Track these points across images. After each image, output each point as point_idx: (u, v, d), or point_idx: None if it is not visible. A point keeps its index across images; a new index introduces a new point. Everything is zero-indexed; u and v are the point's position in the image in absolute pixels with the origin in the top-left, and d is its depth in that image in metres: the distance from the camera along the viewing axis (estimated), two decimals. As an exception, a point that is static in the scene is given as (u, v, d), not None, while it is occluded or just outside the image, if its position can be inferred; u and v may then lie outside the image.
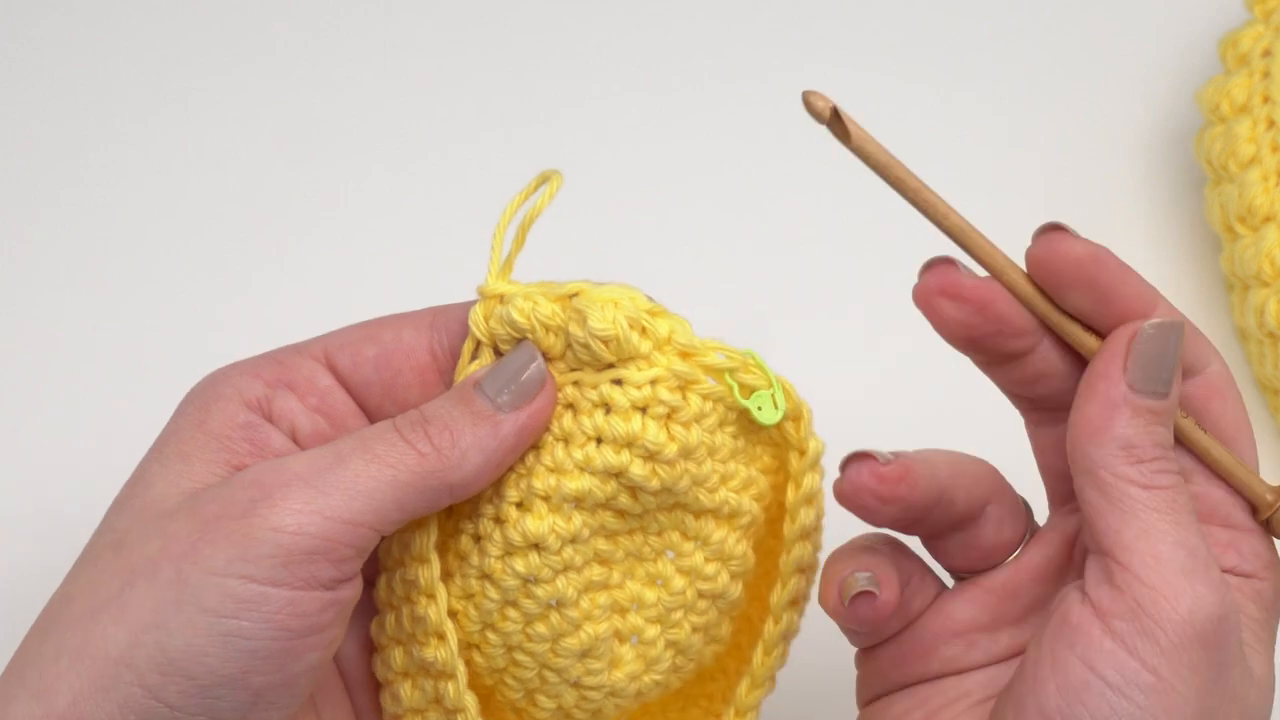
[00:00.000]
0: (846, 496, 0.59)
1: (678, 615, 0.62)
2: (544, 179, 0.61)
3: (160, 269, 0.82)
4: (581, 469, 0.59)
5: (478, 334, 0.60)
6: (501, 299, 0.60)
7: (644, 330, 0.59)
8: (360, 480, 0.56)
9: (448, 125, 0.85)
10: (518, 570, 0.59)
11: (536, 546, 0.59)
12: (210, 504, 0.56)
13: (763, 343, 0.63)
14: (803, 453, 0.61)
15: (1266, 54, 0.80)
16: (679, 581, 0.61)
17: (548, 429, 0.59)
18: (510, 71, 0.87)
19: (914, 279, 0.62)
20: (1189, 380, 0.59)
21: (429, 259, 0.82)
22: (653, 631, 0.62)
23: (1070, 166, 0.85)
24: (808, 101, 0.57)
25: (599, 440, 0.59)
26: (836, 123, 0.58)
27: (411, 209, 0.84)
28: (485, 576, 0.60)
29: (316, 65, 0.87)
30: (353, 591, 0.56)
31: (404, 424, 0.57)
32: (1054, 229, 0.58)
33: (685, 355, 0.59)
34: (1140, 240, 0.84)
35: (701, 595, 0.62)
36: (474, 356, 0.60)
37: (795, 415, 0.61)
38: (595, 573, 0.60)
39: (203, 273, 0.82)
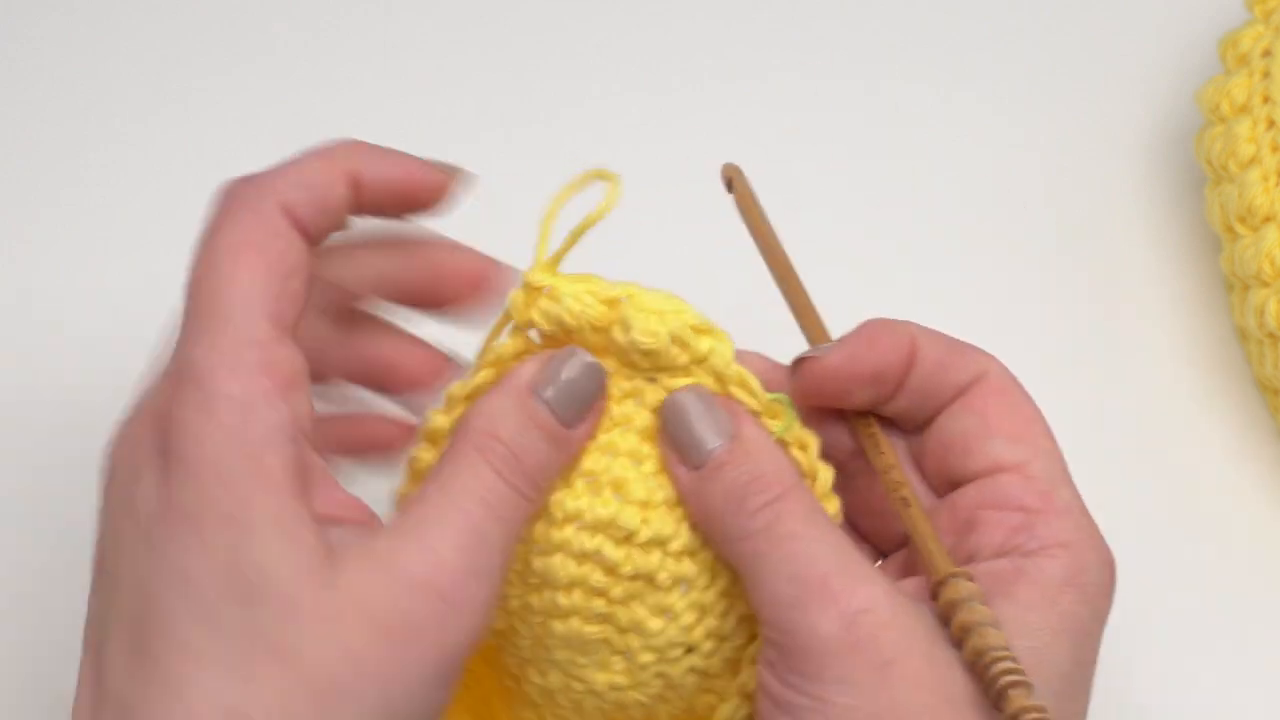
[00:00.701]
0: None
1: (676, 653, 0.61)
2: (599, 177, 0.61)
3: (160, 269, 0.82)
4: (602, 450, 0.59)
5: (514, 317, 0.60)
6: (547, 293, 0.60)
7: (685, 345, 0.59)
8: (497, 569, 0.56)
9: (448, 125, 0.86)
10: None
11: (546, 511, 0.59)
12: (383, 612, 0.54)
13: (760, 343, 0.63)
14: (814, 479, 0.61)
15: (1266, 54, 0.80)
16: (688, 617, 0.61)
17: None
18: (510, 71, 0.87)
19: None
20: (965, 393, 0.61)
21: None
22: (647, 658, 0.61)
23: (1070, 166, 0.85)
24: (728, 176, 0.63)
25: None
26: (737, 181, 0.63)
27: (411, 209, 0.84)
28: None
29: (316, 65, 0.87)
30: None
31: (517, 480, 0.57)
32: (799, 361, 0.61)
33: (717, 380, 0.60)
34: (1140, 240, 0.84)
35: (710, 635, 0.61)
36: (500, 336, 0.60)
37: (804, 451, 0.61)
38: (595, 577, 0.60)
39: (203, 273, 0.82)
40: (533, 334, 0.60)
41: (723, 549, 0.59)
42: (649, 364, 0.59)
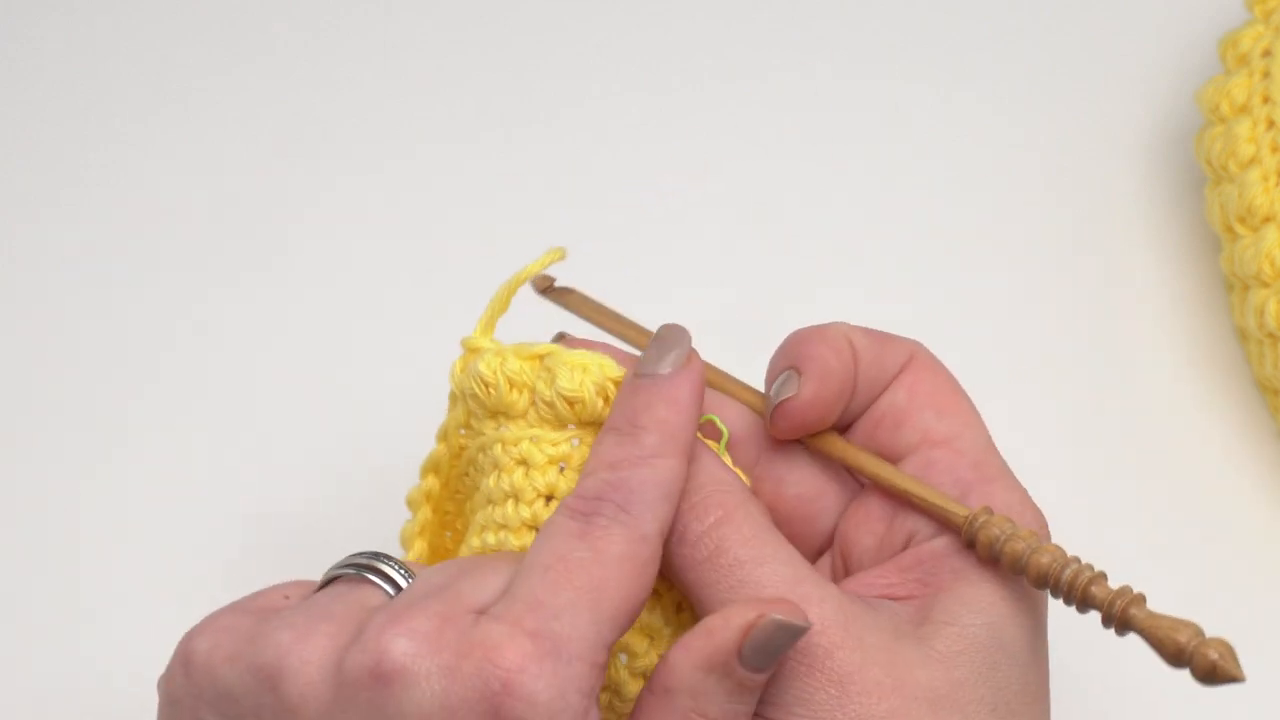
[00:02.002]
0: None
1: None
2: (553, 256, 0.63)
3: (160, 269, 0.82)
4: (529, 527, 0.59)
5: (451, 383, 0.62)
6: (476, 353, 0.61)
7: (607, 399, 0.59)
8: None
9: (448, 125, 0.86)
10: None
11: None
12: None
13: (762, 344, 0.63)
14: None
15: (1266, 54, 0.80)
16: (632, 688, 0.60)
17: (497, 489, 0.60)
18: (510, 71, 0.87)
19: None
20: (898, 380, 0.62)
21: (429, 258, 0.83)
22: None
23: (1070, 166, 0.85)
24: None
25: (549, 498, 0.60)
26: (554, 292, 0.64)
27: (411, 208, 0.84)
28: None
29: (316, 65, 0.87)
30: None
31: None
32: (778, 408, 0.61)
33: None
34: (1140, 240, 0.84)
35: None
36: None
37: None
38: None
39: (202, 273, 0.82)
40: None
41: (673, 581, 0.58)
42: (576, 416, 0.60)
